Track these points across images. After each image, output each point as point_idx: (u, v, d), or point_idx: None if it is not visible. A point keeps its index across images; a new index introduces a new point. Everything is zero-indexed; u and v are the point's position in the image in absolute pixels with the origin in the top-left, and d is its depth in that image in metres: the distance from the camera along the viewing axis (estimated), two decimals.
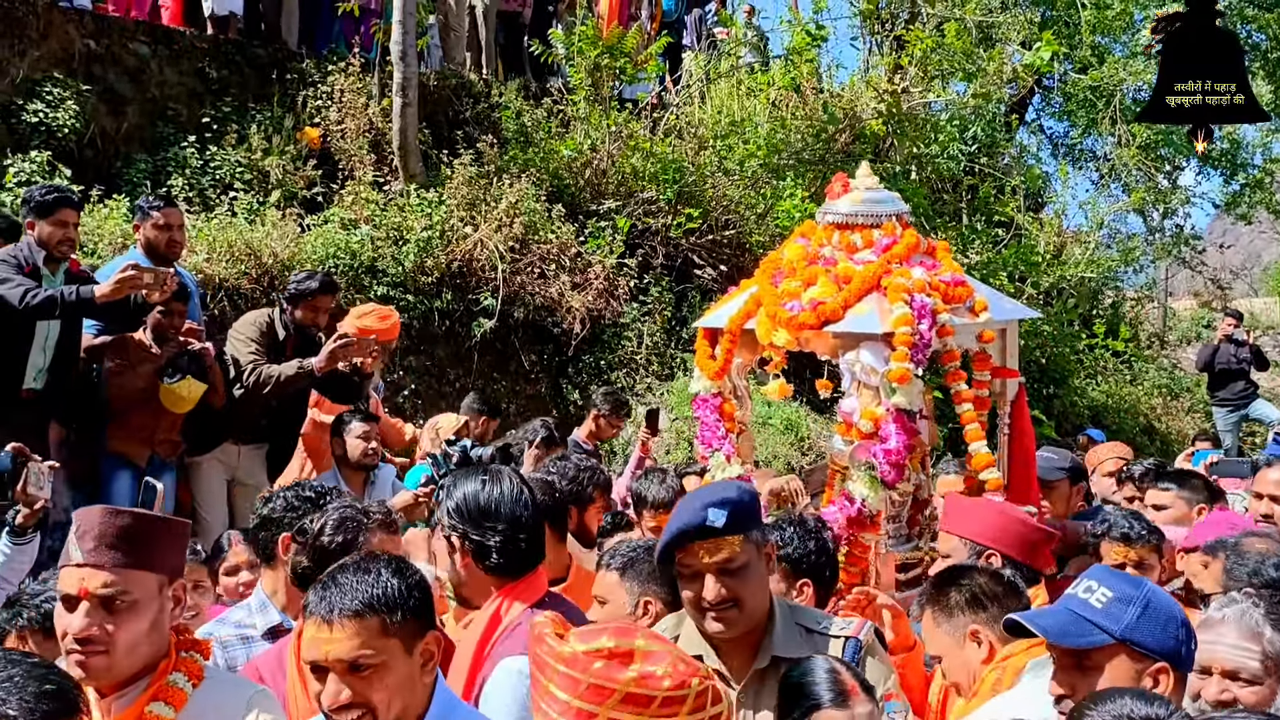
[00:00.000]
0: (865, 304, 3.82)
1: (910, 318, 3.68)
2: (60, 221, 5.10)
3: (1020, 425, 4.15)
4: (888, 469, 3.64)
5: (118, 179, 8.61)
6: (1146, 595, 2.24)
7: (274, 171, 9.16)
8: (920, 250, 4.04)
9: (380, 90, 9.87)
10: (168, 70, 9.43)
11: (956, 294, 3.90)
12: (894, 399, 3.66)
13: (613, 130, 10.32)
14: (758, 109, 10.95)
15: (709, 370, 4.17)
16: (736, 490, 2.56)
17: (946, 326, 3.80)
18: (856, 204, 4.11)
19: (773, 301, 3.95)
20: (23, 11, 8.47)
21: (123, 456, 5.31)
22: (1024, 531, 3.35)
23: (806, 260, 4.03)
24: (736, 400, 4.26)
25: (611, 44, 10.89)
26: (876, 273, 3.85)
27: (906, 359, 3.64)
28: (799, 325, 3.80)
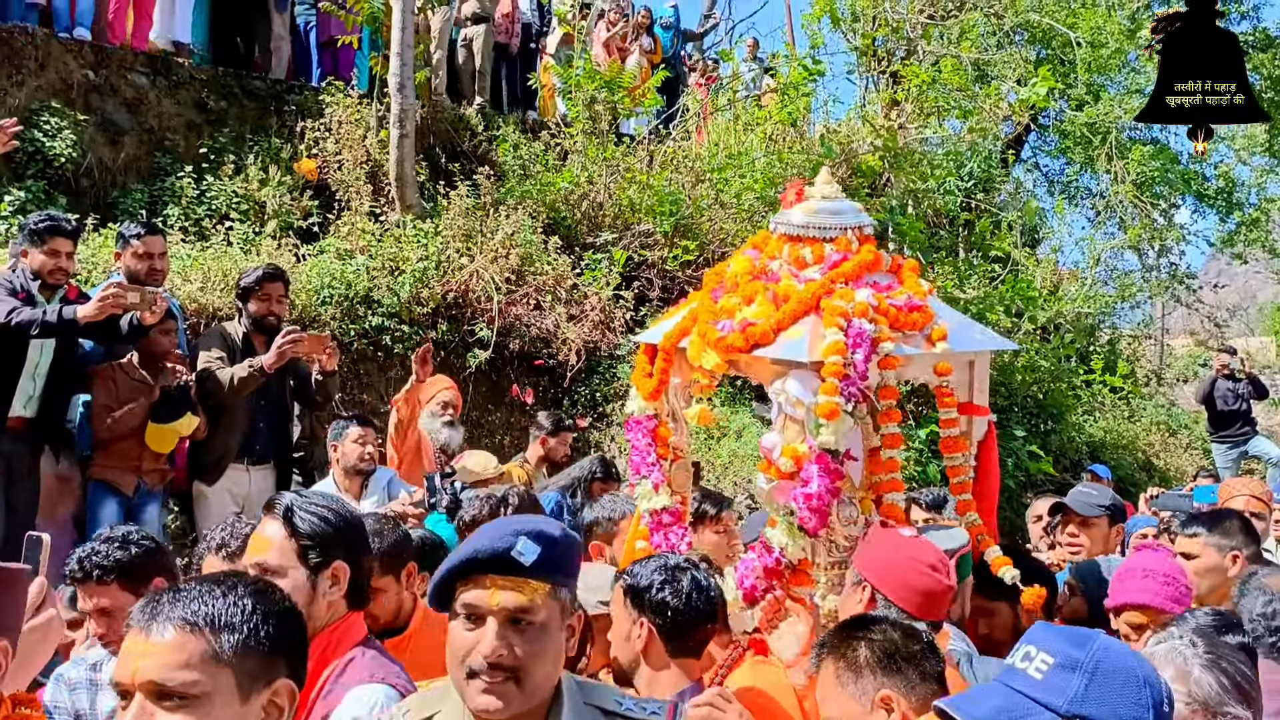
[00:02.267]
0: (799, 327, 3.35)
1: (843, 345, 3.20)
2: (53, 250, 5.08)
3: (987, 467, 3.67)
4: (807, 515, 3.15)
5: (114, 208, 8.61)
6: (1095, 656, 1.83)
7: (270, 202, 9.17)
8: (881, 268, 3.57)
9: (378, 122, 9.90)
10: (166, 101, 9.45)
11: (910, 320, 3.38)
12: (819, 437, 3.16)
13: (609, 163, 10.34)
14: (755, 142, 10.98)
15: (644, 390, 3.77)
16: (561, 531, 2.08)
17: (890, 357, 3.29)
18: (810, 214, 3.60)
19: (706, 319, 3.52)
20: (22, 42, 8.51)
21: (109, 485, 5.25)
22: (907, 572, 2.91)
23: (752, 274, 3.59)
24: (674, 424, 3.83)
25: (609, 78, 10.97)
26: (817, 293, 3.38)
27: (835, 392, 3.14)
28: (727, 347, 3.37)
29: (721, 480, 8.64)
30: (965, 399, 3.56)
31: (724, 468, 8.75)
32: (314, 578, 2.45)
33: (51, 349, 5.11)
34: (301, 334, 5.59)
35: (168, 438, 5.39)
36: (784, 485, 3.21)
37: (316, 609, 2.44)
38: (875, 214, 10.82)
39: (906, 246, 10.76)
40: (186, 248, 8.16)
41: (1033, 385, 10.78)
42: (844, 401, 3.15)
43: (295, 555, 2.45)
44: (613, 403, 9.34)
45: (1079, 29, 13.11)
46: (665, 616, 2.78)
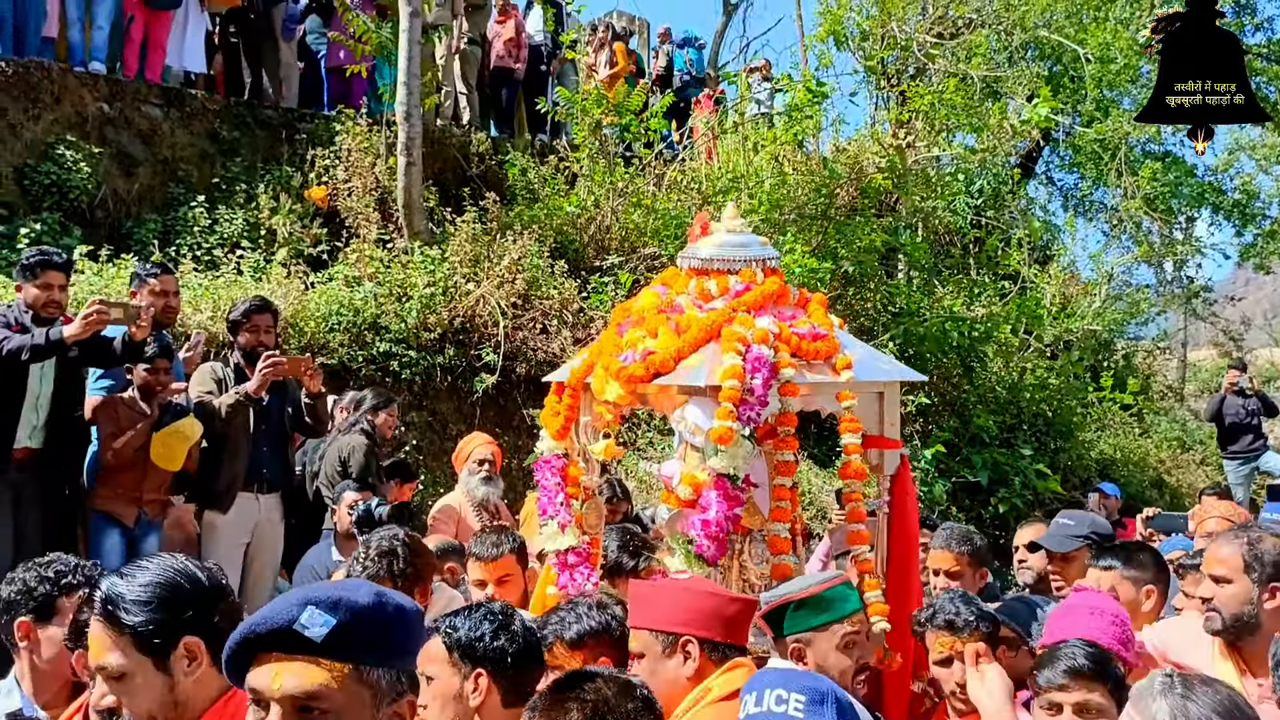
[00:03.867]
0: (700, 355, 3.33)
1: (741, 370, 3.17)
2: (45, 284, 5.19)
3: (902, 503, 3.55)
4: (706, 543, 3.08)
5: (128, 239, 8.78)
6: (829, 684, 1.86)
7: (281, 230, 9.32)
8: (788, 302, 3.55)
9: (387, 149, 10.05)
10: (179, 132, 9.64)
11: (813, 349, 3.35)
12: (715, 461, 3.12)
13: (616, 187, 10.45)
14: (762, 164, 11.06)
15: (552, 428, 3.73)
16: (372, 597, 1.71)
17: (791, 384, 3.25)
18: (716, 248, 3.60)
19: (609, 353, 3.50)
20: (38, 76, 8.71)
21: (110, 515, 5.35)
22: (717, 606, 2.79)
23: (658, 309, 3.56)
24: (584, 463, 3.75)
25: (616, 102, 11.08)
26: (717, 321, 3.36)
27: (731, 416, 3.11)
28: (630, 378, 3.33)
29: None
30: (876, 431, 3.49)
31: None
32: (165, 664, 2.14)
33: (52, 379, 5.23)
34: (281, 358, 5.71)
35: (174, 447, 5.45)
36: (684, 514, 3.17)
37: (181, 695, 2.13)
38: (881, 235, 10.90)
39: (913, 267, 10.81)
40: (198, 277, 8.32)
41: (1041, 403, 10.77)
42: (740, 426, 3.11)
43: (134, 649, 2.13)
44: (619, 425, 9.42)
45: (1088, 45, 13.14)
46: (504, 665, 2.62)
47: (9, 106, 8.50)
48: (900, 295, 10.81)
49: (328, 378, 7.88)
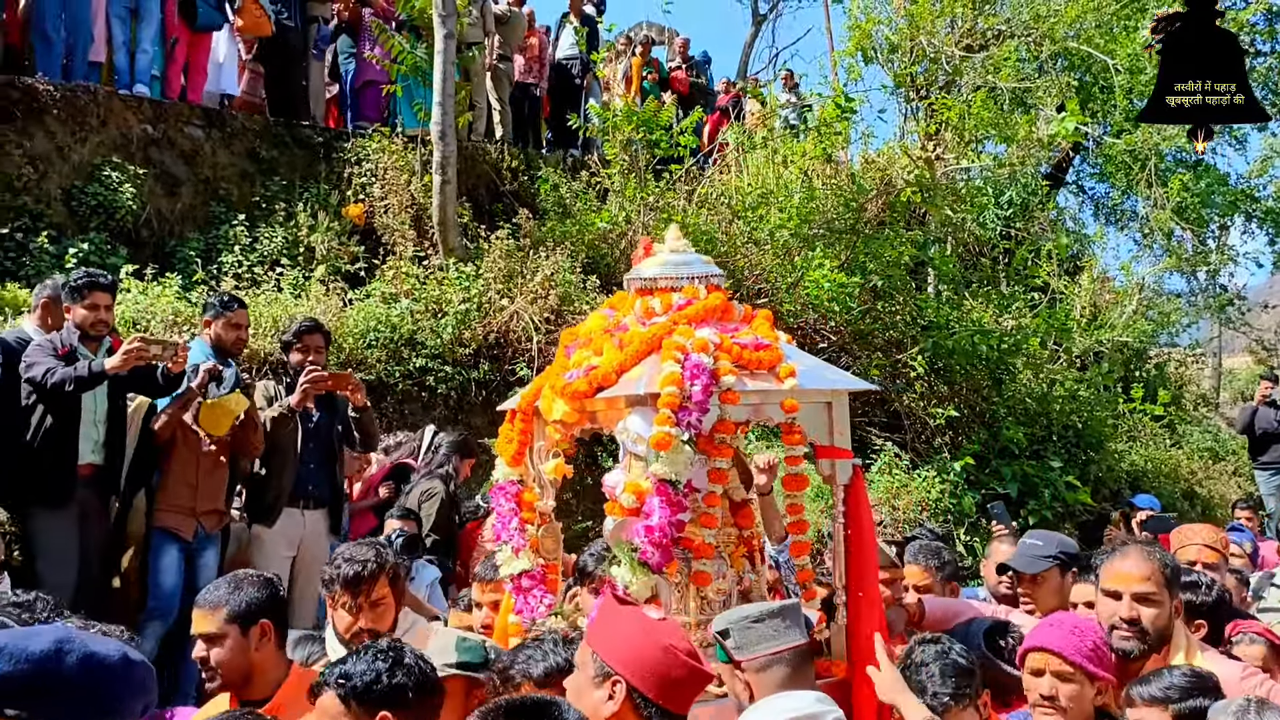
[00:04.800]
0: (641, 367, 3.36)
1: (679, 377, 3.18)
2: (92, 304, 5.43)
3: (857, 515, 3.49)
4: (650, 550, 3.08)
5: (171, 257, 9.00)
6: None
7: (319, 247, 9.53)
8: (733, 318, 3.59)
9: (422, 167, 10.24)
10: (220, 152, 9.87)
11: (755, 358, 3.35)
12: (655, 467, 3.12)
13: (647, 202, 10.59)
14: (791, 178, 11.15)
15: (506, 455, 3.77)
16: (48, 645, 1.56)
17: (732, 392, 3.25)
18: (659, 267, 3.66)
19: (556, 374, 3.54)
20: (85, 100, 8.95)
21: (169, 530, 5.55)
22: (665, 662, 2.58)
23: (604, 330, 3.63)
24: (539, 488, 3.78)
25: (646, 118, 11.22)
26: (659, 334, 3.38)
27: (670, 422, 3.12)
28: (574, 394, 3.37)
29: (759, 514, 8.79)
30: (825, 441, 3.45)
31: None
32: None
33: (106, 396, 5.45)
34: (322, 373, 5.89)
35: (219, 418, 5.63)
36: (628, 522, 3.16)
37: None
38: (910, 248, 10.97)
39: (941, 280, 10.87)
40: (239, 294, 8.51)
41: (1071, 415, 10.80)
42: (679, 431, 3.12)
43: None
44: None
45: (1117, 56, 13.13)
46: (405, 702, 2.64)
47: (57, 130, 8.75)
48: (929, 308, 10.87)
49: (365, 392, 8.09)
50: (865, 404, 10.61)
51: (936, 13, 12.68)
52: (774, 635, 3.04)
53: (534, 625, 3.57)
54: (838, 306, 9.81)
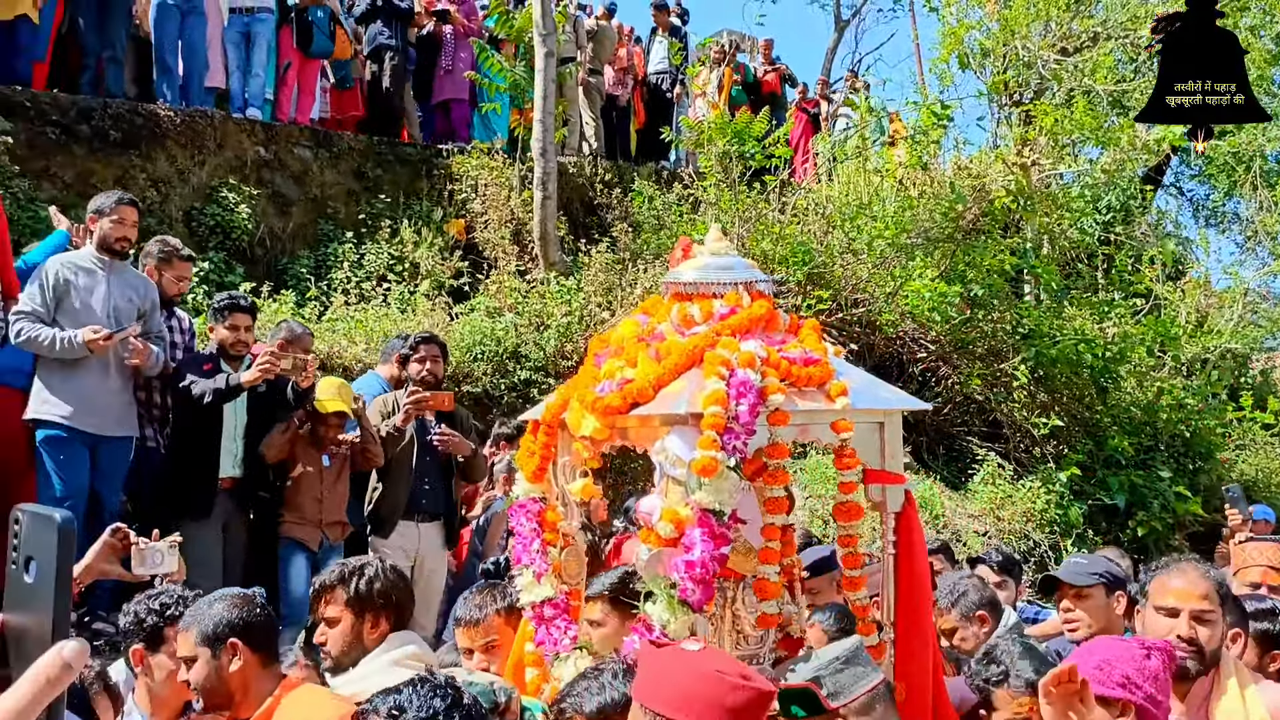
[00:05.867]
0: (681, 382, 3.06)
1: (724, 395, 2.89)
2: (233, 325, 5.71)
3: (909, 543, 3.19)
4: (690, 586, 2.78)
5: (284, 275, 9.30)
6: None
7: (423, 263, 9.76)
8: (778, 328, 3.29)
9: (520, 182, 10.43)
10: (328, 172, 10.18)
11: (805, 374, 3.06)
12: (698, 495, 2.83)
13: (741, 214, 10.64)
14: (885, 188, 11.12)
15: (528, 470, 3.45)
16: None
17: (781, 412, 2.97)
18: (699, 271, 3.32)
19: (585, 385, 3.23)
20: (203, 124, 9.30)
21: (297, 541, 5.75)
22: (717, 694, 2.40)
23: (638, 338, 3.31)
24: (563, 507, 3.47)
25: (738, 129, 11.28)
26: (700, 346, 3.08)
27: (715, 446, 2.83)
28: (606, 410, 3.08)
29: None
30: (877, 465, 3.19)
31: None
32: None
33: (245, 410, 5.70)
34: (424, 393, 6.05)
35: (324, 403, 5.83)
36: (665, 554, 2.88)
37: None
38: (1008, 256, 10.86)
39: (1043, 288, 10.73)
40: (348, 309, 8.78)
41: (1179, 423, 10.58)
42: (725, 456, 2.84)
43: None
44: None
45: None
46: None
47: (178, 154, 9.10)
48: (1029, 317, 10.74)
49: (472, 404, 8.27)
50: (964, 413, 10.53)
51: (1031, 16, 12.53)
52: (863, 673, 2.88)
53: (556, 660, 3.29)
54: (938, 316, 9.75)
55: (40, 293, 5.34)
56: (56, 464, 5.30)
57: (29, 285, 5.36)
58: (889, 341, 10.42)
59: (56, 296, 5.36)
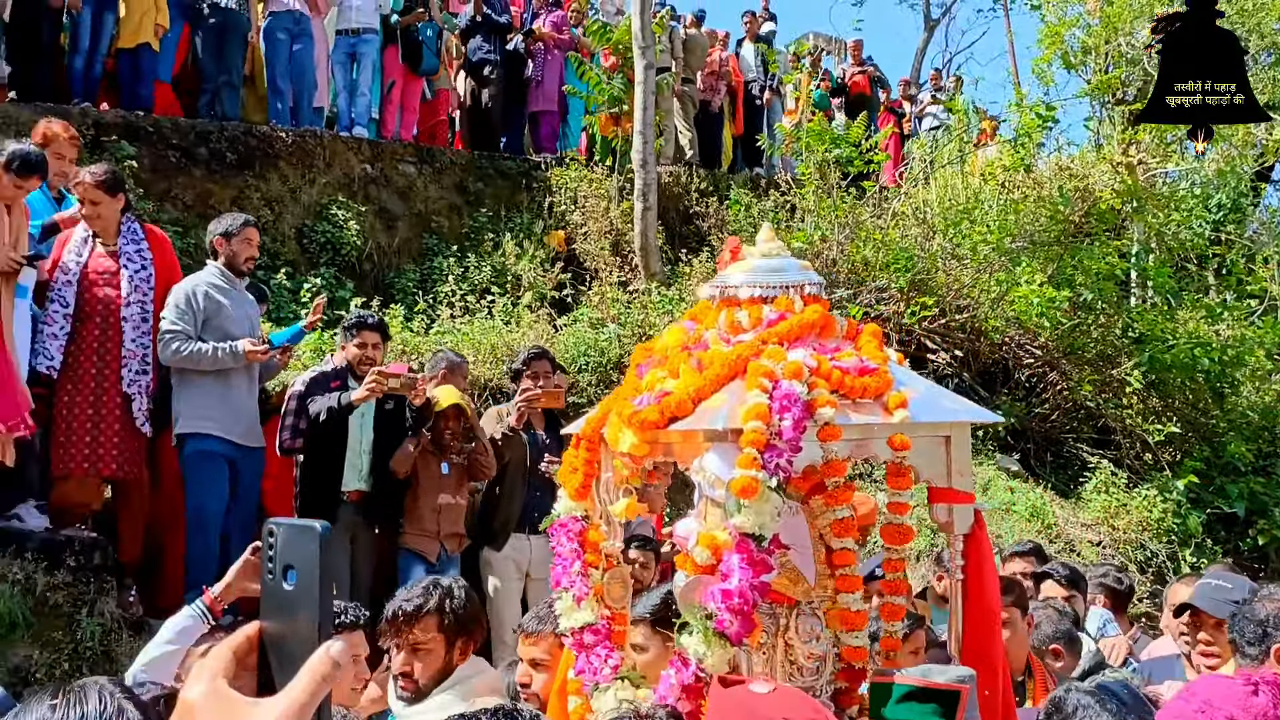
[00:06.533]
0: (722, 395, 2.83)
1: (766, 409, 2.65)
2: (361, 343, 5.86)
3: (978, 568, 2.93)
4: (728, 618, 2.54)
5: (391, 288, 9.50)
6: None
7: (525, 275, 9.88)
8: (834, 334, 3.02)
9: (618, 193, 10.51)
10: (431, 187, 10.37)
11: (860, 385, 2.82)
12: (737, 519, 2.59)
13: (840, 220, 10.57)
14: (986, 191, 10.95)
15: (570, 487, 3.24)
16: None
17: (831, 426, 2.72)
18: (747, 274, 3.07)
19: (625, 398, 3.02)
20: (312, 144, 9.55)
21: (416, 552, 5.87)
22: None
23: (683, 347, 3.09)
24: (606, 526, 3.24)
25: (835, 135, 11.21)
26: (744, 355, 2.85)
27: (755, 464, 2.59)
28: (644, 424, 2.86)
29: None
30: (943, 483, 2.92)
31: None
32: None
33: (371, 427, 5.83)
34: (536, 390, 6.12)
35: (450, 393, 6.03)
36: (702, 581, 2.64)
37: None
38: (1116, 258, 10.61)
39: (1155, 291, 10.47)
40: (453, 322, 8.92)
41: None
42: (766, 476, 2.59)
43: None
44: None
45: None
46: None
47: (289, 173, 9.36)
48: (1140, 320, 10.49)
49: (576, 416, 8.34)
50: (1073, 420, 10.31)
51: (1134, 13, 12.24)
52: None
53: (596, 690, 3.10)
54: (1046, 321, 9.57)
55: (186, 313, 5.55)
56: (206, 477, 5.51)
57: (169, 308, 5.55)
58: (994, 348, 10.25)
59: (205, 315, 5.58)
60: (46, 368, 5.45)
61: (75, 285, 5.54)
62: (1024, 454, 10.28)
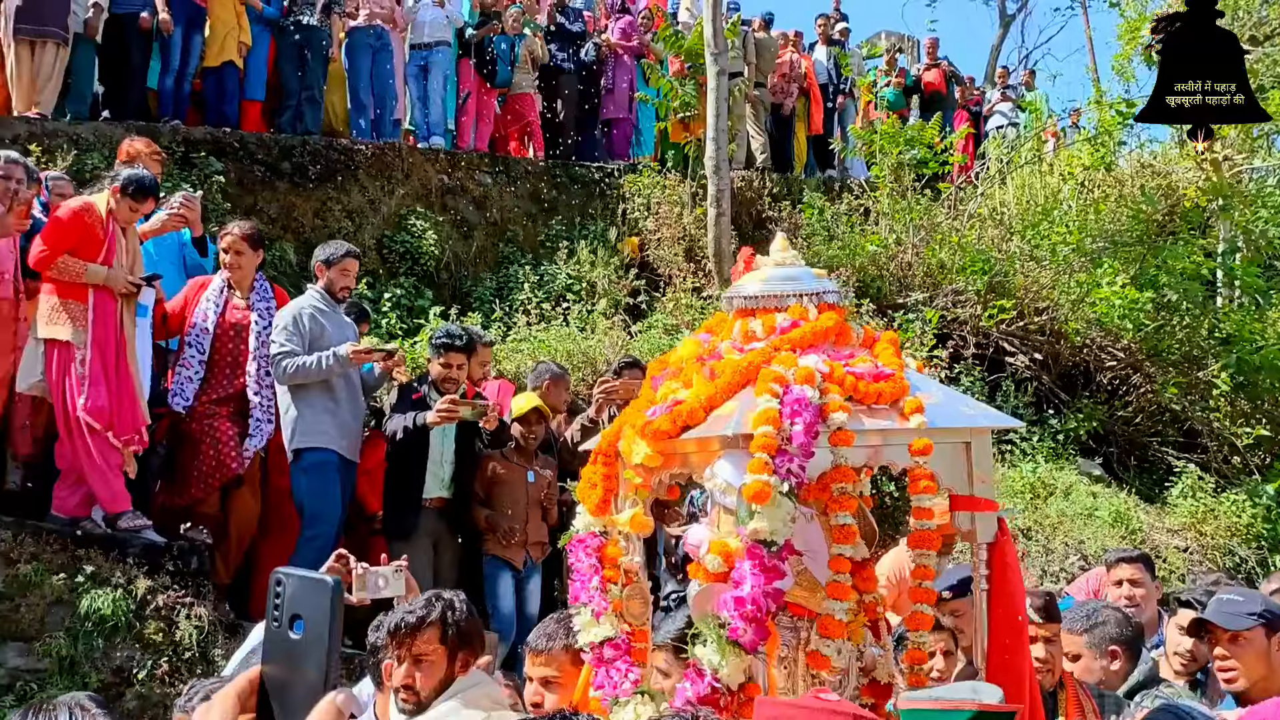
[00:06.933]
0: (734, 402, 2.81)
1: (776, 414, 2.64)
2: (446, 363, 5.97)
3: (1002, 577, 2.86)
4: (741, 626, 2.53)
5: (468, 297, 9.65)
6: None
7: (600, 282, 9.96)
8: (851, 342, 3.00)
9: (691, 199, 10.54)
10: (507, 195, 10.51)
11: (875, 390, 2.79)
12: (749, 525, 2.59)
13: (915, 222, 10.48)
14: (1066, 191, 10.78)
15: (589, 502, 3.18)
16: None
17: (844, 431, 2.70)
18: (762, 283, 3.07)
19: (639, 409, 3.02)
20: (391, 156, 9.75)
21: (501, 560, 5.97)
22: None
23: (698, 359, 3.08)
24: (625, 541, 3.18)
25: (910, 136, 11.13)
26: (755, 362, 2.84)
27: (766, 469, 2.58)
28: (655, 434, 2.85)
29: (1051, 540, 8.53)
30: (964, 490, 2.85)
31: (1053, 528, 8.63)
32: None
33: (454, 438, 5.96)
34: (615, 382, 6.19)
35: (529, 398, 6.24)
36: (715, 590, 2.63)
37: None
38: (1201, 257, 10.36)
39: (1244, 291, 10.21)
40: (528, 329, 9.03)
41: None
42: (778, 481, 2.57)
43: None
44: None
45: None
46: None
47: (369, 185, 9.57)
48: (1227, 321, 10.23)
49: None
50: (1158, 423, 10.10)
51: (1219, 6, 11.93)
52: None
53: (615, 705, 3.06)
54: (1129, 323, 9.39)
55: (294, 334, 5.77)
56: (324, 485, 5.71)
57: (277, 330, 5.80)
58: (1075, 350, 10.08)
59: (311, 336, 5.79)
60: (182, 407, 5.77)
61: (211, 333, 5.87)
62: (1107, 458, 10.09)
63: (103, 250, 5.38)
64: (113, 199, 5.47)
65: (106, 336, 5.36)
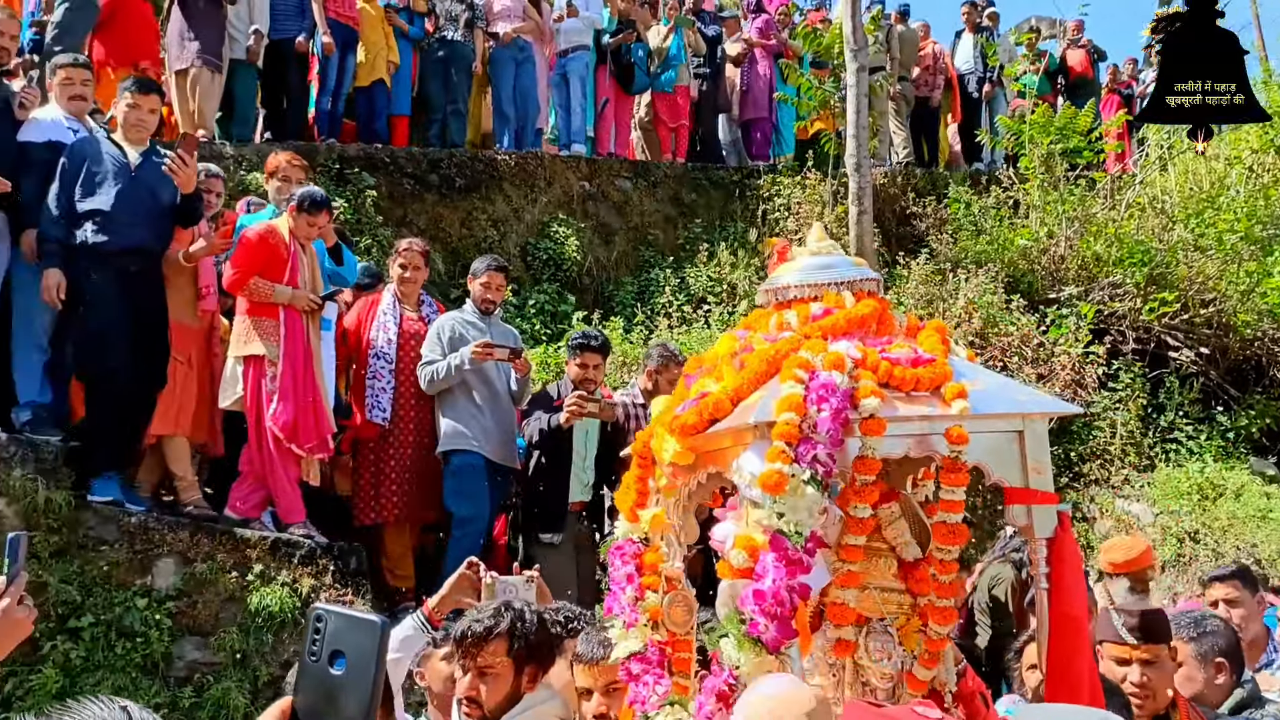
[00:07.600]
0: (760, 392, 2.66)
1: (800, 400, 2.47)
2: (582, 364, 6.11)
3: (1061, 574, 2.66)
4: (762, 622, 2.41)
5: (610, 301, 9.77)
6: None
7: (740, 284, 9.94)
8: (893, 330, 2.83)
9: (832, 197, 10.42)
10: (646, 200, 10.61)
11: (913, 376, 2.60)
12: (770, 515, 2.47)
13: (1068, 214, 10.10)
14: (1233, 176, 10.21)
15: (625, 506, 3.05)
16: None
17: (874, 419, 2.51)
18: (797, 274, 2.93)
19: (671, 406, 2.91)
20: (534, 165, 9.96)
21: None
22: None
23: (731, 354, 2.94)
24: (666, 547, 3.03)
25: (1061, 125, 10.73)
26: (783, 350, 2.67)
27: (785, 458, 2.43)
28: (684, 429, 2.73)
29: (1221, 544, 8.10)
30: (1018, 482, 2.64)
31: (1223, 530, 8.19)
32: None
33: (596, 442, 6.06)
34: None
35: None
36: (740, 585, 2.51)
37: None
38: None
39: None
40: (673, 333, 9.08)
41: None
42: (800, 469, 2.42)
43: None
44: (1089, 462, 9.07)
45: None
46: None
47: (513, 194, 9.79)
48: None
49: None
50: None
51: None
52: None
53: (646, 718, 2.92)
54: None
55: (436, 345, 6.06)
56: (470, 486, 5.91)
57: (427, 341, 6.09)
58: (1245, 344, 9.55)
59: (454, 346, 6.02)
60: (381, 419, 6.08)
61: (395, 343, 6.18)
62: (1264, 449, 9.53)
63: (287, 270, 5.72)
64: (290, 218, 5.80)
65: (295, 351, 5.68)
